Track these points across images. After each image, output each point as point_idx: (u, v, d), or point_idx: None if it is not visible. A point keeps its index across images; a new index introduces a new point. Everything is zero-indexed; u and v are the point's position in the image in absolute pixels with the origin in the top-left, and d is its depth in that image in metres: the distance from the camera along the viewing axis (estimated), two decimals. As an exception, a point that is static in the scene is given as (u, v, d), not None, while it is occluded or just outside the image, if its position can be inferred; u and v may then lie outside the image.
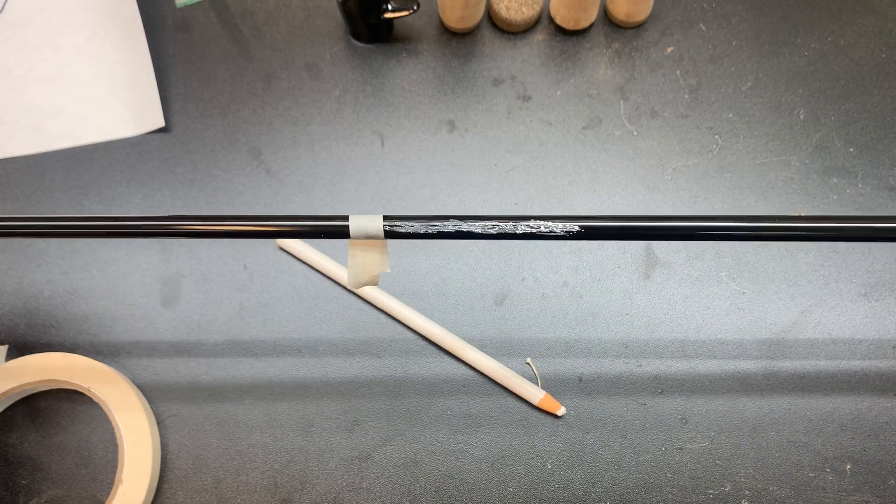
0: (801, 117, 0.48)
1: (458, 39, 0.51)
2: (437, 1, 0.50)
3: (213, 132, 0.49)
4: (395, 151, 0.49)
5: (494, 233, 0.33)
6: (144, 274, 0.47)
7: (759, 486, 0.42)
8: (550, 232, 0.33)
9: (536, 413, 0.43)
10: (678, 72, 0.50)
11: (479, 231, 0.33)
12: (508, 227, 0.33)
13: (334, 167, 0.48)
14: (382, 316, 0.45)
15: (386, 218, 0.34)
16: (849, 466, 0.42)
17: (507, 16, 0.49)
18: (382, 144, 0.49)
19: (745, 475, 0.42)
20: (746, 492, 0.41)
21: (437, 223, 0.33)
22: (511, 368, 0.44)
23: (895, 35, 0.50)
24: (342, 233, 0.34)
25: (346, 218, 0.34)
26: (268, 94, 0.50)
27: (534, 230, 0.33)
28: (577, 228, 0.33)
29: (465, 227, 0.33)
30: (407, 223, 0.34)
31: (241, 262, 0.47)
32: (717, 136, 0.48)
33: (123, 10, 0.52)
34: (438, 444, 0.43)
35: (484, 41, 0.51)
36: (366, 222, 0.34)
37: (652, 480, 0.42)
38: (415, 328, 0.45)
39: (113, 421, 0.42)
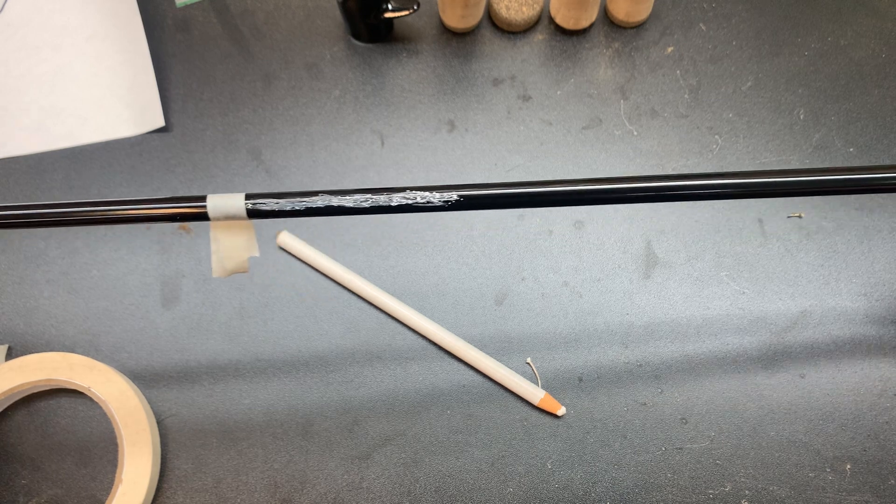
0: (801, 117, 0.48)
1: (458, 39, 0.51)
2: (437, 1, 0.50)
3: (213, 132, 0.49)
4: (395, 151, 0.49)
5: (368, 206, 0.32)
6: (144, 274, 0.47)
7: (759, 486, 0.42)
8: (427, 203, 0.31)
9: (536, 413, 0.43)
10: (678, 72, 0.50)
11: (351, 205, 0.31)
12: (382, 199, 0.32)
13: (334, 167, 0.48)
14: (382, 316, 0.45)
15: (249, 196, 0.32)
16: (849, 466, 0.42)
17: (507, 16, 0.49)
18: (382, 144, 0.49)
19: (745, 475, 0.42)
20: (746, 492, 0.41)
21: (305, 199, 0.32)
22: (511, 368, 0.44)
23: (895, 35, 0.50)
24: (200, 215, 0.32)
25: (203, 198, 0.32)
26: (268, 94, 0.50)
27: (410, 201, 0.31)
28: (455, 198, 0.31)
29: (335, 201, 0.31)
30: (272, 200, 0.32)
31: (241, 262, 0.47)
32: (717, 136, 0.48)
33: (123, 10, 0.52)
34: (438, 444, 0.43)
35: (484, 41, 0.51)
36: (226, 201, 0.31)
37: (652, 480, 0.42)
38: (415, 328, 0.45)
39: (113, 421, 0.42)
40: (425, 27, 0.51)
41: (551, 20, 0.51)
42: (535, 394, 0.43)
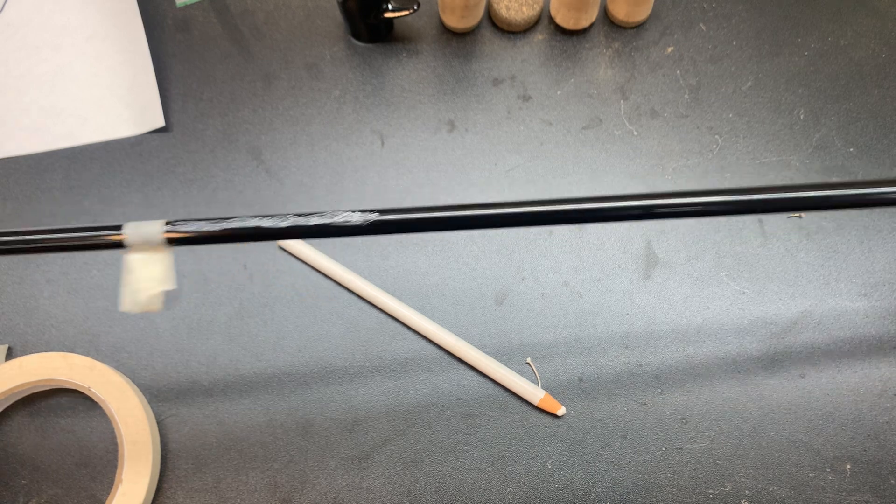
0: (801, 117, 0.48)
1: (458, 39, 0.51)
2: (438, 1, 0.50)
3: (213, 132, 0.49)
4: (395, 151, 0.49)
5: (285, 226, 0.32)
6: (144, 274, 0.47)
7: (759, 486, 0.42)
8: (346, 222, 0.32)
9: (536, 413, 0.43)
10: (678, 72, 0.50)
11: (269, 225, 0.32)
12: (301, 220, 0.32)
13: (334, 167, 0.48)
14: (382, 316, 0.45)
15: (168, 222, 0.32)
16: (849, 466, 0.42)
17: (507, 16, 0.49)
18: (382, 144, 0.49)
19: (745, 475, 0.42)
20: (746, 492, 0.41)
21: (222, 222, 0.32)
22: (511, 368, 0.44)
23: (895, 35, 0.50)
24: (115, 244, 0.31)
25: (119, 227, 0.31)
26: (268, 94, 0.50)
27: (327, 221, 0.32)
28: (373, 218, 0.32)
29: (253, 223, 0.32)
30: (190, 223, 0.32)
31: (241, 262, 0.47)
32: (717, 136, 0.48)
33: (123, 10, 0.52)
34: (438, 444, 0.43)
35: (484, 41, 0.51)
36: (143, 228, 0.31)
37: (652, 480, 0.42)
38: (415, 328, 0.45)
39: (113, 421, 0.42)
40: (425, 27, 0.51)
41: (551, 20, 0.51)
42: (535, 394, 0.43)
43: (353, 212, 0.32)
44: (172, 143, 0.49)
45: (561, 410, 0.43)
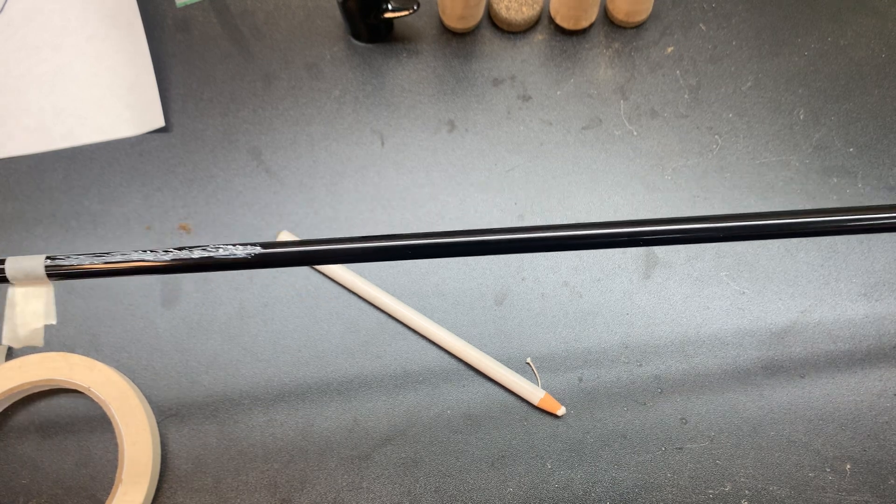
0: (801, 117, 0.48)
1: (458, 39, 0.51)
2: (437, 1, 0.50)
3: (213, 132, 0.49)
4: (395, 151, 0.49)
5: (168, 259, 0.33)
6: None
7: (759, 486, 0.42)
8: (230, 256, 0.33)
9: (536, 413, 0.43)
10: (678, 72, 0.50)
11: (151, 259, 0.33)
12: (183, 254, 0.33)
13: (334, 167, 0.48)
14: (382, 316, 0.45)
15: (49, 257, 0.32)
16: (849, 466, 0.42)
17: (507, 16, 0.49)
18: (382, 144, 0.49)
19: (745, 475, 0.42)
20: (746, 492, 0.41)
21: (104, 256, 0.33)
22: (511, 368, 0.44)
23: (895, 35, 0.50)
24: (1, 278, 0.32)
25: (1, 261, 0.32)
26: (268, 94, 0.50)
27: (211, 254, 0.33)
28: (257, 252, 0.33)
29: (135, 256, 0.33)
30: (73, 259, 0.32)
31: (241, 262, 0.47)
32: (717, 136, 0.48)
33: (123, 10, 0.52)
34: (438, 444, 0.43)
35: (484, 41, 0.51)
36: (23, 263, 0.31)
37: (652, 480, 0.42)
38: (415, 328, 0.45)
39: (113, 421, 0.42)
40: (425, 27, 0.51)
41: (551, 20, 0.51)
42: (535, 394, 0.43)
43: (236, 245, 0.33)
44: (172, 143, 0.49)
45: (561, 410, 0.43)
